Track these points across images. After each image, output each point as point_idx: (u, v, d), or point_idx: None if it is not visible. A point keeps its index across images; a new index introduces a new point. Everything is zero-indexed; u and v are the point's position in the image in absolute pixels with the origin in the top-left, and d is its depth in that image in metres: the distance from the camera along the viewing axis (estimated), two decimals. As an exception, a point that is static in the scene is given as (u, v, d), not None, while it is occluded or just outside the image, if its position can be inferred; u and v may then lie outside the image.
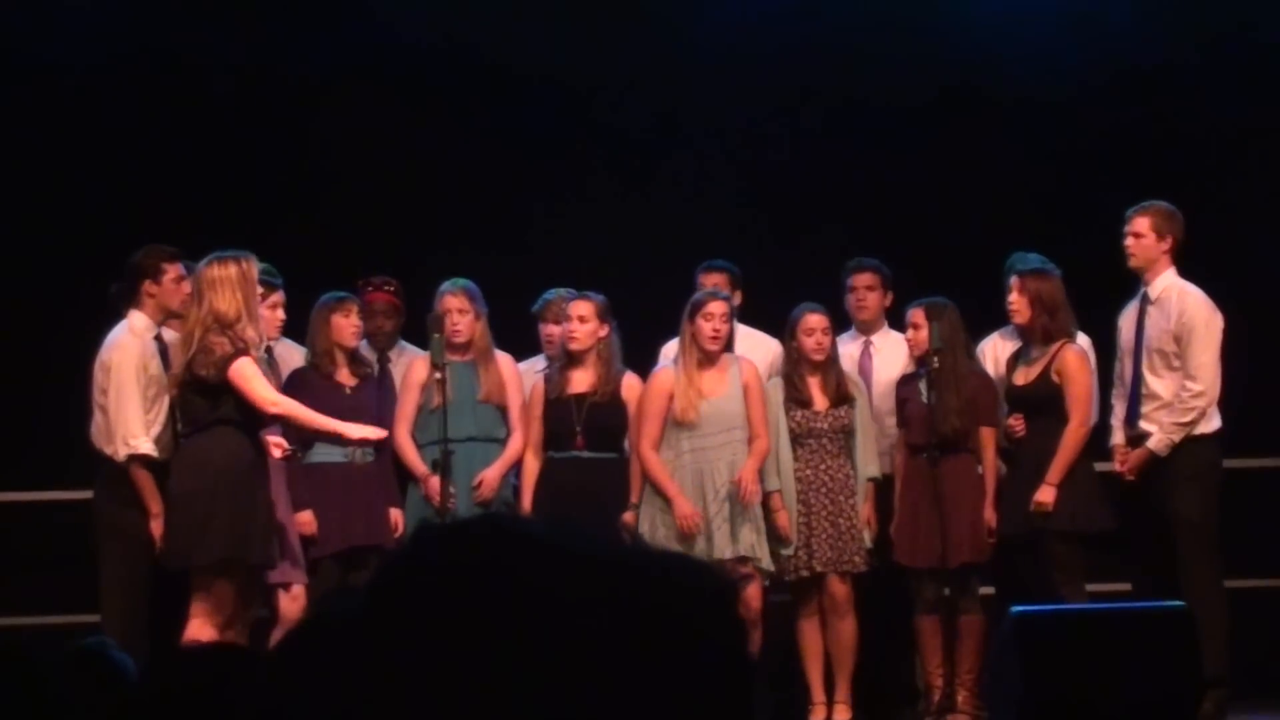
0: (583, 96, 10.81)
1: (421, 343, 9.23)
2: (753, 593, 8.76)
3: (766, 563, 8.86)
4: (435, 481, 8.79)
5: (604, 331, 8.97)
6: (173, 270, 8.51)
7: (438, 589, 1.41)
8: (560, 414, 8.92)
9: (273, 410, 8.02)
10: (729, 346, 9.01)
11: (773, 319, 9.37)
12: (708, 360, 8.90)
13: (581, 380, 8.96)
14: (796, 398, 9.05)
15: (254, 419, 8.08)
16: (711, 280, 9.33)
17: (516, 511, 8.85)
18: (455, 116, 10.77)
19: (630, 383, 9.01)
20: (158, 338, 8.52)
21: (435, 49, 10.76)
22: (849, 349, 9.43)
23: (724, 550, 8.71)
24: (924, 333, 8.94)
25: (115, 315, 8.57)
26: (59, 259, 10.18)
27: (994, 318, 9.22)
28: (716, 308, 8.90)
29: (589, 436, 8.91)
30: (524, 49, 10.75)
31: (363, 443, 8.53)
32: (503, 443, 9.06)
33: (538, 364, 9.41)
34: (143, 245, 8.62)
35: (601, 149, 10.80)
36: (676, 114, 10.85)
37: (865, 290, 9.51)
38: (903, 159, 10.74)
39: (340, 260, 9.66)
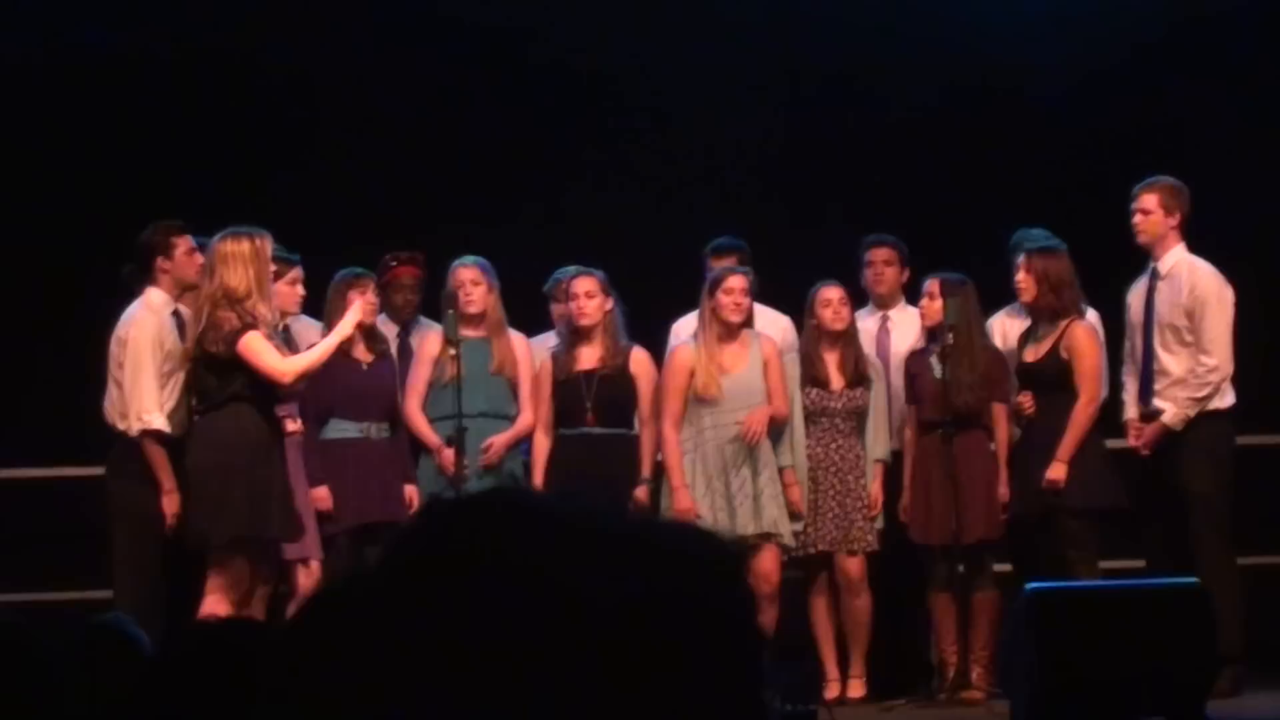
0: (596, 73, 10.80)
1: (437, 319, 9.23)
2: (771, 568, 8.77)
3: (789, 538, 8.89)
4: (449, 453, 8.81)
5: (609, 306, 8.99)
6: (183, 243, 8.49)
7: (448, 562, 1.42)
8: (570, 391, 8.93)
9: (289, 378, 8.03)
10: (749, 323, 9.01)
11: (787, 298, 9.36)
12: (728, 335, 8.91)
13: (589, 356, 8.97)
14: (812, 376, 9.05)
15: (268, 394, 8.09)
16: (722, 264, 9.28)
17: (525, 485, 8.87)
18: (469, 93, 10.77)
19: (638, 357, 9.03)
20: (175, 313, 8.51)
21: (449, 26, 10.76)
22: (866, 324, 9.42)
23: (747, 526, 8.74)
24: (938, 304, 8.93)
25: (130, 296, 8.56)
26: (72, 237, 10.18)
27: (1006, 296, 9.20)
28: (736, 282, 8.91)
29: (599, 412, 8.91)
30: (538, 26, 10.75)
31: (358, 327, 8.59)
32: (513, 420, 9.07)
33: (550, 340, 9.41)
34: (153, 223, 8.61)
35: (614, 126, 10.79)
36: (690, 90, 10.83)
37: (883, 265, 9.49)
38: (917, 139, 10.74)
39: (355, 236, 9.67)
